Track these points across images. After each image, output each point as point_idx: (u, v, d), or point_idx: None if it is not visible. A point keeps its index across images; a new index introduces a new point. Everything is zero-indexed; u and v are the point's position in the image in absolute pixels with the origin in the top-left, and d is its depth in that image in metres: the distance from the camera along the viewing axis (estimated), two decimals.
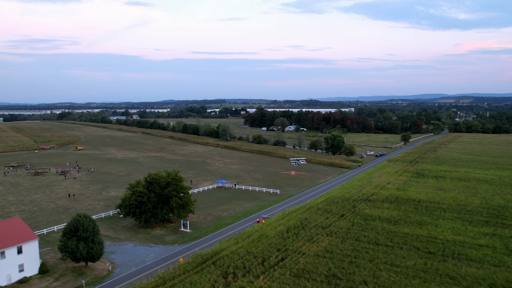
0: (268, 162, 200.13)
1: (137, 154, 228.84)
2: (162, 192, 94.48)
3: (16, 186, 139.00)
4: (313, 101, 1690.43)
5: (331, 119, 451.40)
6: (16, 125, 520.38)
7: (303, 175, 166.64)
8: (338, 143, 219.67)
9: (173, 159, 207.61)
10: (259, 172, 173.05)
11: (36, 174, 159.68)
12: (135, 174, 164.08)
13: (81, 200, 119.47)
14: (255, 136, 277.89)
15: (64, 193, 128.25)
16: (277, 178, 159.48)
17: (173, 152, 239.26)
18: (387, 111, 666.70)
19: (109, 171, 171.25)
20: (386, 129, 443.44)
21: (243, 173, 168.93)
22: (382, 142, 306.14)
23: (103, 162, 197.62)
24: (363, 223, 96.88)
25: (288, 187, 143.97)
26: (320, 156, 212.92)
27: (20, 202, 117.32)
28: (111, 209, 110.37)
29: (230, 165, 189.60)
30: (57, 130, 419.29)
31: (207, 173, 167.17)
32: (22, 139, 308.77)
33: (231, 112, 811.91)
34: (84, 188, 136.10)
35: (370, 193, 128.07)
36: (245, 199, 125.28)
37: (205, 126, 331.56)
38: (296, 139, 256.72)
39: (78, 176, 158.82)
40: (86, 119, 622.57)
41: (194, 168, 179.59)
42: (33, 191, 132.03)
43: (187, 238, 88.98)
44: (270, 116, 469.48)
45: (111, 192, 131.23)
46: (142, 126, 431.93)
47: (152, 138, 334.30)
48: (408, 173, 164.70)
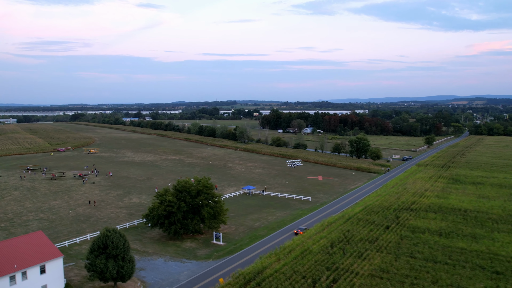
0: (291, 166, 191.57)
1: (155, 157, 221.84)
2: (193, 202, 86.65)
3: (33, 191, 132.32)
4: (325, 103, 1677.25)
5: (348, 121, 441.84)
6: (30, 126, 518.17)
7: (331, 181, 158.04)
8: (363, 147, 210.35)
9: (192, 163, 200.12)
10: (285, 177, 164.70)
11: (53, 178, 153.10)
12: (155, 178, 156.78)
13: (102, 208, 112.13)
14: (274, 138, 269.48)
15: (83, 200, 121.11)
16: (304, 184, 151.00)
17: (191, 155, 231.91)
18: (403, 113, 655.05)
19: (128, 175, 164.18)
20: (405, 132, 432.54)
21: (268, 178, 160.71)
22: (404, 145, 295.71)
23: (121, 165, 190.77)
24: (412, 236, 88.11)
25: (318, 193, 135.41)
26: (346, 160, 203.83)
27: (38, 209, 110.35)
28: (134, 217, 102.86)
29: (252, 169, 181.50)
30: (71, 131, 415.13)
31: (230, 178, 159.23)
32: (37, 141, 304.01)
33: (244, 114, 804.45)
34: (104, 194, 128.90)
35: (410, 201, 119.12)
36: (276, 207, 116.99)
37: (221, 128, 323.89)
38: (318, 142, 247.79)
39: (97, 180, 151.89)
40: (99, 121, 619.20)
41: (216, 172, 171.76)
42: (51, 197, 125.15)
43: (221, 252, 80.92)
44: (285, 118, 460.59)
45: (132, 198, 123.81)
46: (157, 128, 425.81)
47: (167, 140, 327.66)
48: (444, 179, 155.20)
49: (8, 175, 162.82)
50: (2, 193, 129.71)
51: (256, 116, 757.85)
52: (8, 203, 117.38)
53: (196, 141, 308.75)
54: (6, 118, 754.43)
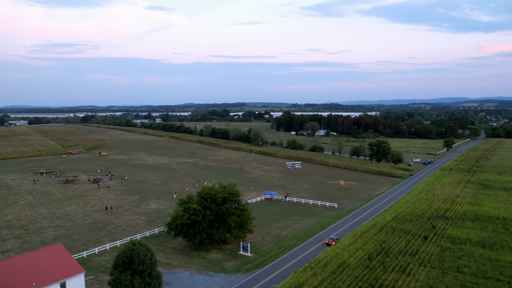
0: (310, 170, 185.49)
1: (169, 159, 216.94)
2: (219, 210, 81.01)
3: (47, 196, 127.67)
4: (334, 105, 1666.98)
5: (362, 124, 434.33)
6: (41, 128, 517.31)
7: (354, 186, 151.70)
8: (383, 150, 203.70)
9: (208, 166, 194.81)
10: (305, 181, 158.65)
11: (66, 182, 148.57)
12: (171, 182, 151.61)
13: (120, 214, 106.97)
14: (290, 141, 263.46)
15: (99, 205, 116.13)
16: (327, 189, 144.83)
17: (206, 158, 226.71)
18: (416, 115, 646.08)
19: (143, 179, 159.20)
20: (420, 134, 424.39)
21: (288, 183, 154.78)
22: (422, 148, 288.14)
23: (135, 168, 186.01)
24: (453, 247, 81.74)
25: (343, 199, 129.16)
26: (366, 164, 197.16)
27: (52, 215, 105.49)
28: (154, 225, 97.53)
29: (270, 173, 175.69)
30: (83, 133, 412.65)
31: (249, 182, 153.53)
32: (49, 143, 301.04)
33: (254, 116, 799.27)
34: (120, 199, 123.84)
35: (442, 208, 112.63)
36: (301, 214, 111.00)
37: (235, 131, 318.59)
38: (335, 145, 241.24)
39: (112, 184, 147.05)
40: (110, 122, 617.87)
41: (233, 176, 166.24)
42: (65, 202, 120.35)
43: (250, 264, 75.14)
44: (298, 120, 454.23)
45: (150, 204, 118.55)
46: (168, 130, 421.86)
47: (180, 142, 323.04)
48: (472, 185, 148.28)
49: (21, 179, 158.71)
50: (16, 198, 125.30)
51: (266, 118, 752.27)
52: (22, 208, 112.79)
53: (209, 143, 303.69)
54: (17, 120, 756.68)
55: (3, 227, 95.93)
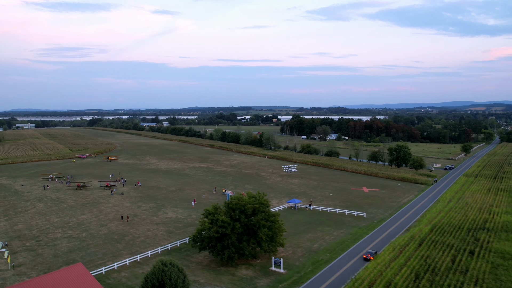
0: (329, 176, 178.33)
1: (181, 164, 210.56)
2: (249, 222, 74.14)
3: (58, 204, 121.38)
4: (341, 108, 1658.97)
5: (374, 127, 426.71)
6: (49, 131, 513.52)
7: (378, 193, 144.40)
8: (404, 155, 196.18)
9: (222, 171, 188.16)
10: (326, 188, 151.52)
11: (78, 188, 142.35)
12: (187, 189, 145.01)
13: (136, 224, 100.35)
14: (304, 145, 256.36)
15: (114, 213, 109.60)
16: (351, 196, 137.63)
17: (219, 162, 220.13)
18: (426, 119, 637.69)
19: (157, 184, 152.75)
20: (433, 138, 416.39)
21: (309, 189, 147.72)
22: (438, 153, 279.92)
23: (147, 173, 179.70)
24: (506, 264, 74.45)
25: (370, 208, 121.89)
26: (386, 169, 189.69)
27: (65, 225, 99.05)
28: (175, 236, 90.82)
29: (288, 179, 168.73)
30: (90, 137, 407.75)
31: (268, 189, 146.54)
32: (57, 146, 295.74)
33: (262, 120, 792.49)
34: (135, 207, 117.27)
35: (480, 218, 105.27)
36: (329, 224, 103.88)
37: (246, 135, 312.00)
38: (351, 149, 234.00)
39: (125, 191, 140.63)
40: (117, 126, 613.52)
41: (251, 182, 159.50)
42: (78, 210, 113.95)
43: (285, 283, 68.20)
44: (309, 124, 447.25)
45: (168, 212, 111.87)
46: (177, 134, 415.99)
47: (190, 146, 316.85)
48: (504, 192, 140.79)
49: (31, 184, 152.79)
50: (26, 205, 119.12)
51: (275, 122, 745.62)
52: (32, 217, 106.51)
53: (220, 147, 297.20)
54: (24, 123, 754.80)
55: (13, 237, 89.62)
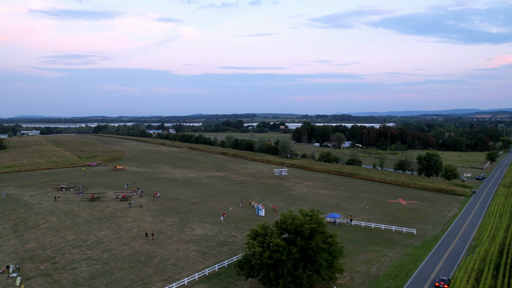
0: (358, 186, 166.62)
1: (197, 173, 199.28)
2: (307, 245, 62.55)
3: (72, 217, 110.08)
4: (346, 116, 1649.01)
5: (388, 135, 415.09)
6: (54, 138, 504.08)
7: (417, 205, 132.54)
8: (435, 164, 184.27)
9: (242, 181, 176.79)
10: (359, 200, 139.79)
11: (92, 200, 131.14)
12: (210, 200, 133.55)
13: (163, 242, 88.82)
14: (323, 153, 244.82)
15: (136, 230, 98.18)
16: (390, 209, 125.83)
17: (236, 171, 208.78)
18: (437, 126, 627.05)
19: (177, 196, 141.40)
20: (449, 146, 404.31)
21: (341, 201, 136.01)
22: (461, 162, 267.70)
23: (163, 183, 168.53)
24: None
25: (416, 223, 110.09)
26: (418, 179, 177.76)
27: (83, 243, 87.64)
28: (209, 258, 79.25)
29: (315, 189, 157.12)
30: (98, 144, 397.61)
31: (297, 201, 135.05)
32: (65, 153, 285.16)
33: (269, 127, 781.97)
34: (158, 222, 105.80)
35: None
36: (379, 243, 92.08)
37: (260, 142, 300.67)
38: (371, 157, 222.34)
39: (143, 202, 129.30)
40: (123, 133, 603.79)
41: (276, 193, 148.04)
42: (95, 225, 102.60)
43: None
44: (320, 131, 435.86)
45: (195, 228, 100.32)
46: (186, 141, 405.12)
47: (202, 154, 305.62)
48: None
49: (40, 195, 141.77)
50: (37, 219, 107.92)
51: (282, 129, 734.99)
52: (45, 233, 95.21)
53: (234, 155, 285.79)
54: (29, 130, 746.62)
55: (25, 258, 78.34)
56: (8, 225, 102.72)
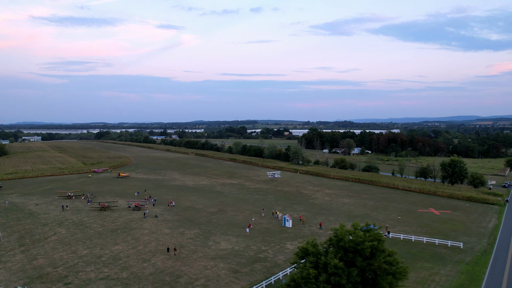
0: (382, 194, 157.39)
1: (209, 180, 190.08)
2: (368, 267, 53.22)
3: (83, 229, 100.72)
4: (348, 122, 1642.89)
5: (398, 141, 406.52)
6: (57, 144, 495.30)
7: (452, 215, 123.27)
8: (460, 171, 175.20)
9: (258, 188, 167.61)
10: (388, 209, 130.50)
11: (102, 209, 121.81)
12: (228, 210, 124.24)
13: (188, 258, 79.43)
14: (338, 160, 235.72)
15: (154, 243, 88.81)
16: (424, 220, 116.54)
17: (249, 178, 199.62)
18: (443, 133, 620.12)
19: (192, 205, 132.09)
20: (460, 152, 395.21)
21: (369, 211, 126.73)
22: (479, 169, 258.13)
23: (175, 191, 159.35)
24: None
25: (458, 235, 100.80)
26: (444, 187, 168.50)
27: (97, 259, 78.25)
28: (242, 277, 69.98)
29: (337, 198, 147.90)
30: (101, 150, 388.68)
31: (322, 210, 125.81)
32: (69, 160, 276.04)
33: (273, 133, 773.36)
34: (177, 235, 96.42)
35: None
36: (426, 258, 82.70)
37: (270, 148, 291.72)
38: (395, 165, 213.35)
39: (158, 212, 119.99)
40: (126, 139, 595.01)
41: (298, 202, 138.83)
42: (109, 238, 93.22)
43: None
44: (329, 137, 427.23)
45: (220, 242, 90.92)
46: (192, 147, 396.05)
47: (210, 160, 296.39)
48: None
49: (46, 203, 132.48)
50: (44, 231, 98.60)
51: (286, 136, 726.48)
52: (54, 247, 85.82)
53: (243, 161, 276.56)
54: (30, 136, 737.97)
55: (34, 277, 69.04)
56: (13, 237, 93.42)
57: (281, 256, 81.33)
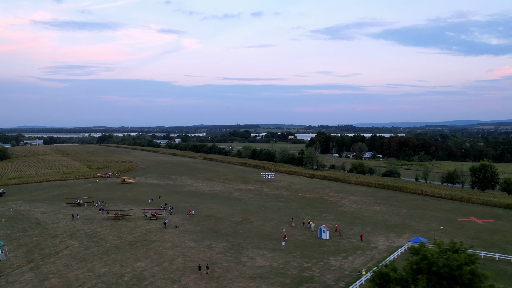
0: (411, 201, 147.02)
1: (223, 186, 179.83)
2: None
3: (98, 241, 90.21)
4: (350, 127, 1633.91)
5: (409, 145, 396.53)
6: (59, 147, 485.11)
7: (496, 225, 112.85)
8: (491, 176, 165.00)
9: (278, 195, 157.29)
10: (425, 218, 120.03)
11: (116, 218, 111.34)
12: (253, 219, 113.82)
13: (222, 278, 68.98)
14: (356, 164, 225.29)
15: (181, 259, 78.34)
16: (469, 230, 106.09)
17: (265, 183, 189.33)
18: (451, 137, 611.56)
19: (213, 213, 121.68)
20: (473, 157, 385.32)
21: (407, 220, 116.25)
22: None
23: (191, 197, 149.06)
24: None
25: None
26: (477, 194, 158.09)
27: (119, 279, 67.77)
28: None
29: (367, 205, 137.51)
30: (106, 154, 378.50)
31: (354, 219, 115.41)
32: (73, 164, 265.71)
33: (277, 137, 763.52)
34: (205, 248, 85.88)
35: None
36: (494, 277, 71.86)
37: (282, 152, 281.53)
38: (419, 170, 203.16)
39: (177, 221, 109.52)
40: (129, 143, 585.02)
41: (325, 210, 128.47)
42: (128, 252, 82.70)
43: None
44: (338, 141, 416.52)
45: (254, 257, 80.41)
46: (199, 151, 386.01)
47: (220, 165, 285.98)
48: None
49: (54, 211, 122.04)
50: (54, 244, 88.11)
51: (292, 140, 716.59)
52: (67, 264, 75.34)
53: (255, 166, 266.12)
54: (32, 139, 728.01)
55: None
56: (20, 251, 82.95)
57: (329, 275, 70.94)
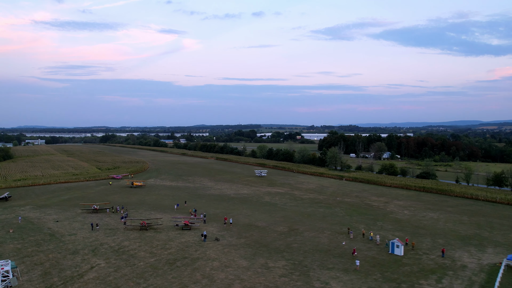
0: (466, 207, 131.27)
1: (249, 189, 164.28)
2: None
3: (129, 260, 74.13)
4: (353, 127, 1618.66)
5: (428, 145, 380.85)
6: (63, 147, 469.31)
7: None
8: None
9: (313, 199, 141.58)
10: (494, 227, 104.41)
11: (143, 228, 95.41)
12: (302, 229, 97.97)
13: None
14: (386, 165, 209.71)
15: (238, 285, 62.52)
16: None
17: (293, 186, 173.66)
18: (462, 137, 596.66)
19: (251, 221, 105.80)
20: (494, 157, 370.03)
21: (476, 230, 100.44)
22: None
23: (218, 202, 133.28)
24: None
25: None
26: None
27: None
28: None
29: (420, 212, 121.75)
30: (112, 154, 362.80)
31: (419, 230, 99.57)
32: (81, 164, 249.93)
33: (284, 137, 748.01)
34: (262, 269, 69.92)
35: None
36: None
37: (301, 152, 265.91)
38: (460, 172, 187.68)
39: (215, 232, 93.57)
40: (134, 142, 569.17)
41: (377, 217, 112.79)
42: (169, 275, 66.74)
43: None
44: (352, 141, 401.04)
45: (328, 281, 64.53)
46: (209, 151, 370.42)
47: (236, 165, 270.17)
48: None
49: (68, 219, 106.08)
50: (76, 263, 72.05)
51: (299, 139, 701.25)
52: None
53: (274, 167, 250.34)
54: (34, 139, 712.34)
55: None
56: (35, 273, 66.98)
57: None
